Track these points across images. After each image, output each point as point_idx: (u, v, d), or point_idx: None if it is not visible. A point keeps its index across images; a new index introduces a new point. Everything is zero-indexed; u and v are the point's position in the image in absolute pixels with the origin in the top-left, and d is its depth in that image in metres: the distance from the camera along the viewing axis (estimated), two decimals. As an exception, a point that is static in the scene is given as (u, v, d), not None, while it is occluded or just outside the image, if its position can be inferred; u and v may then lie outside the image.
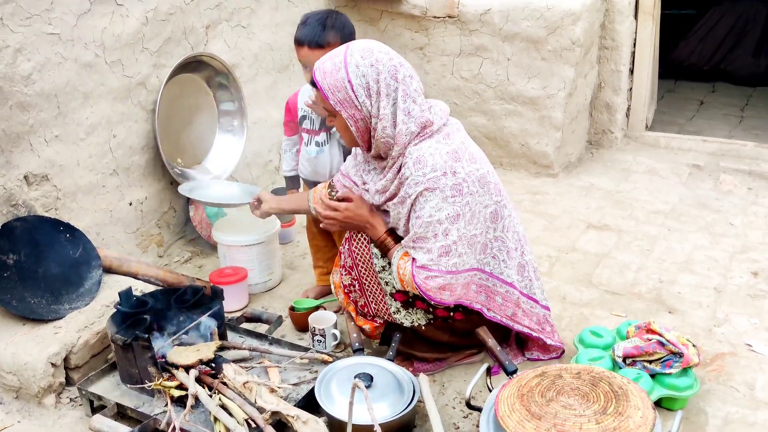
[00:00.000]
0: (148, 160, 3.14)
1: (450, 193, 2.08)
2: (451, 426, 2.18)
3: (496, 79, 4.17)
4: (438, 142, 2.12)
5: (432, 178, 2.07)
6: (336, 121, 2.18)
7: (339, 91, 2.07)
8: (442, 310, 2.30)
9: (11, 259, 2.45)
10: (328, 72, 2.09)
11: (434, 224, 2.10)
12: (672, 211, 3.74)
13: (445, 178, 2.08)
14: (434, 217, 2.09)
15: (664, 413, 2.18)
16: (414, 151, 2.10)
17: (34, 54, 2.54)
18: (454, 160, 2.10)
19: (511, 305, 2.33)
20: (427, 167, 2.07)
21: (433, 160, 2.08)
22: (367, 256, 2.29)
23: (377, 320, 2.40)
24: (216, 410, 2.02)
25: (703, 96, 5.82)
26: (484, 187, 2.17)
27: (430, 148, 2.10)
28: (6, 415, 2.30)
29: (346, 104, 2.09)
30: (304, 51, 2.51)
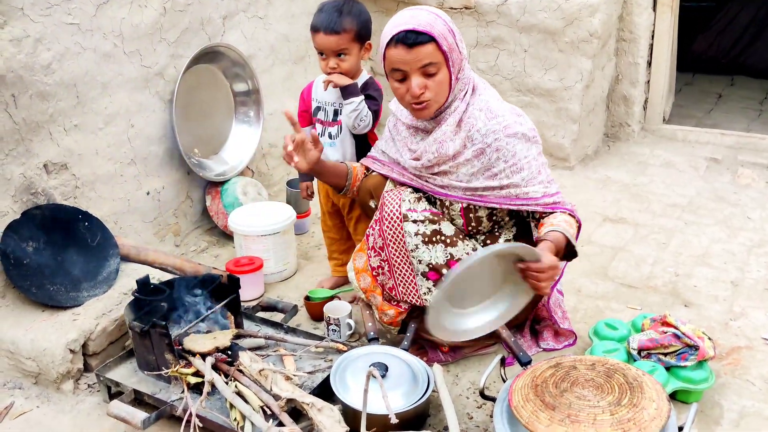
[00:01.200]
0: (165, 150, 3.16)
1: (530, 134, 2.19)
2: (464, 416, 2.19)
3: (512, 70, 4.16)
4: (494, 96, 2.24)
5: (509, 125, 2.15)
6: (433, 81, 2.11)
7: (448, 36, 2.09)
8: None
9: (31, 247, 2.48)
10: (432, 23, 2.07)
11: (533, 163, 2.17)
12: (689, 204, 3.71)
13: (519, 125, 2.17)
14: (529, 157, 2.17)
15: (679, 406, 2.17)
16: (479, 102, 2.19)
17: (53, 44, 2.56)
18: (516, 112, 2.22)
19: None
20: (500, 116, 2.16)
21: (501, 110, 2.18)
22: (399, 235, 2.26)
23: (402, 305, 2.38)
24: (232, 397, 2.04)
25: (722, 89, 5.76)
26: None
27: (492, 101, 2.20)
28: (25, 400, 2.34)
29: (453, 49, 2.11)
30: (319, 37, 2.51)
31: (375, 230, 2.34)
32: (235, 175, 3.44)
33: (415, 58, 2.07)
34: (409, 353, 2.25)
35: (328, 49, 2.52)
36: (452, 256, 2.24)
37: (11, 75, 2.42)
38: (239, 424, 2.00)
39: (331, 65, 2.55)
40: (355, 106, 2.55)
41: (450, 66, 2.11)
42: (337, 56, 2.54)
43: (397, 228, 2.26)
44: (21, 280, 2.43)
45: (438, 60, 2.09)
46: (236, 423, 2.01)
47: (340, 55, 2.54)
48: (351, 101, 2.56)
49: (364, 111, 2.56)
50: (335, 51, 2.52)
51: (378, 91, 2.64)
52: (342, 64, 2.55)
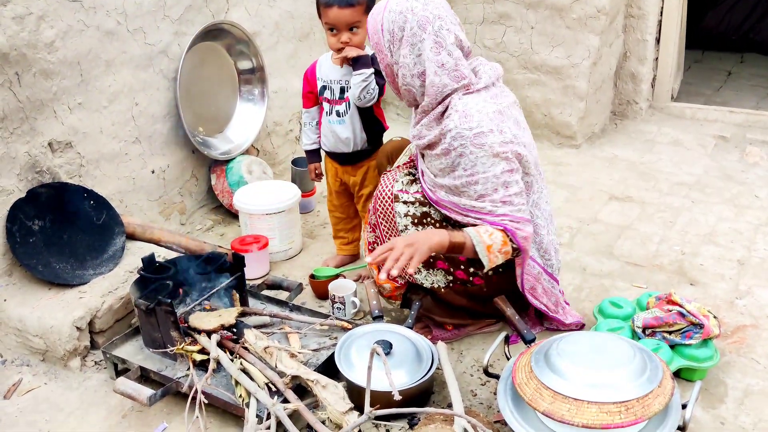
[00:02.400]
0: (170, 129, 3.15)
1: (500, 149, 2.06)
2: (468, 393, 2.20)
3: (519, 47, 4.12)
4: (485, 100, 2.11)
5: (478, 134, 2.05)
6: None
7: (375, 34, 2.13)
8: (461, 272, 2.30)
9: (37, 225, 2.49)
10: (373, 15, 2.15)
11: (491, 179, 2.08)
12: (696, 182, 3.69)
13: (493, 135, 2.06)
14: (490, 172, 2.08)
15: (683, 384, 2.18)
16: (459, 104, 2.10)
17: (56, 21, 2.55)
18: (501, 120, 2.09)
19: (531, 279, 2.32)
20: (474, 122, 2.06)
21: (480, 116, 2.06)
22: (390, 215, 2.29)
23: (399, 280, 2.41)
24: (237, 374, 2.06)
25: (731, 66, 5.70)
26: (529, 153, 2.18)
27: (477, 105, 2.09)
28: (33, 377, 2.36)
29: (377, 47, 2.15)
30: (333, 11, 2.48)
31: (372, 206, 2.38)
32: (240, 153, 3.43)
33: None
34: (414, 331, 2.26)
35: (342, 23, 2.50)
36: None
37: (14, 53, 2.41)
38: (244, 400, 2.01)
39: (344, 39, 2.52)
40: (365, 77, 2.54)
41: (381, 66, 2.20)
42: (350, 30, 2.52)
43: (389, 207, 2.29)
44: (27, 258, 2.44)
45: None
46: (241, 399, 2.02)
47: (352, 29, 2.52)
48: (361, 72, 2.54)
49: (372, 84, 2.55)
50: (349, 24, 2.50)
51: None
52: (354, 38, 2.53)
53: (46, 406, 2.23)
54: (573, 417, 1.71)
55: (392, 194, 2.31)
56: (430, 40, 2.07)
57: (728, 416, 2.07)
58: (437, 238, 2.07)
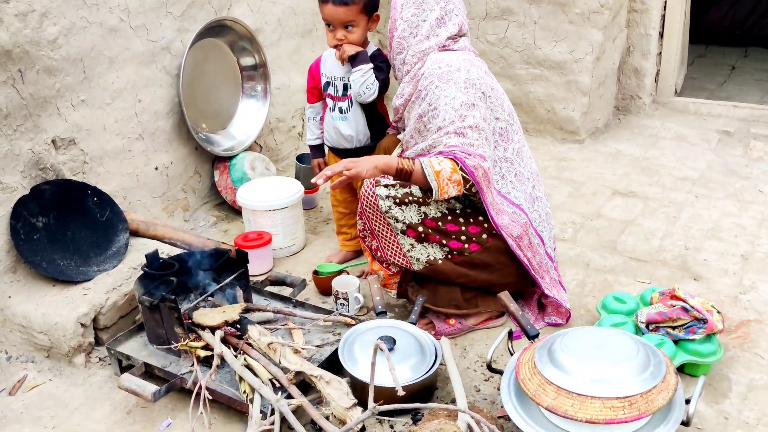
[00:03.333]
0: (173, 125, 3.16)
1: (463, 85, 2.20)
2: (472, 389, 2.20)
3: (522, 43, 4.11)
4: (458, 54, 2.28)
5: (446, 72, 2.22)
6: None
7: None
8: (455, 242, 2.31)
9: (40, 222, 2.49)
10: None
11: (450, 111, 2.18)
12: (700, 177, 3.68)
13: (459, 73, 2.22)
14: (450, 105, 2.19)
15: (687, 379, 2.18)
16: (434, 56, 2.28)
17: (59, 18, 2.55)
18: (470, 65, 2.25)
19: (519, 227, 2.32)
20: (443, 64, 2.23)
21: (449, 59, 2.24)
22: (372, 199, 2.33)
23: (392, 268, 2.43)
24: (241, 370, 2.06)
25: (735, 61, 5.68)
26: (497, 99, 2.28)
27: (449, 56, 2.27)
28: (38, 373, 2.37)
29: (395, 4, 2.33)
30: (328, 8, 2.51)
31: (358, 195, 2.40)
32: (243, 149, 3.43)
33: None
34: (417, 327, 2.26)
35: (337, 21, 2.51)
36: (426, 215, 2.30)
37: (18, 50, 2.41)
38: (248, 396, 2.02)
39: (339, 37, 2.53)
40: (362, 73, 2.55)
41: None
42: (345, 28, 2.52)
43: (371, 193, 2.34)
44: (31, 255, 2.45)
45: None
46: (245, 395, 2.03)
47: (347, 27, 2.52)
48: (359, 68, 2.55)
49: (371, 79, 2.56)
50: (343, 22, 2.51)
51: (386, 62, 2.63)
52: (350, 36, 2.53)
53: (51, 403, 2.24)
54: (576, 412, 1.71)
55: (374, 179, 2.35)
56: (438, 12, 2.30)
57: (732, 411, 2.07)
58: (384, 159, 2.18)
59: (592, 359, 1.80)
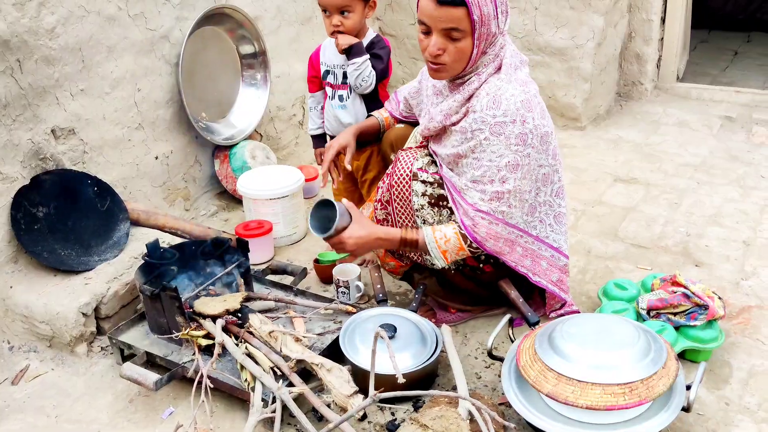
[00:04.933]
0: (173, 114, 3.15)
1: (514, 141, 2.03)
2: (473, 376, 2.20)
3: (523, 29, 4.09)
4: (516, 89, 2.05)
5: (500, 123, 2.02)
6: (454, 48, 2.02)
7: (486, 5, 1.95)
8: (472, 260, 2.28)
9: (41, 212, 2.49)
10: None
11: (492, 169, 2.06)
12: (702, 163, 3.67)
13: (513, 126, 2.02)
14: (494, 163, 2.05)
15: (688, 365, 2.17)
16: (494, 87, 2.05)
17: (57, 7, 2.54)
18: (527, 110, 2.04)
19: (557, 271, 2.29)
20: (500, 110, 2.02)
21: (507, 104, 2.02)
22: (406, 193, 2.26)
23: (404, 260, 2.40)
24: (242, 358, 2.06)
25: (738, 46, 5.65)
26: (544, 144, 2.10)
27: (508, 92, 2.04)
28: (40, 363, 2.37)
29: (488, 19, 1.98)
30: None
31: (385, 184, 2.33)
32: (243, 138, 3.43)
33: (441, 17, 1.97)
34: (418, 314, 2.26)
35: (332, 6, 2.50)
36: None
37: (15, 39, 2.40)
38: (250, 384, 2.02)
39: (335, 23, 2.52)
40: (357, 66, 2.54)
41: (475, 38, 1.99)
42: (341, 14, 2.51)
43: (405, 185, 2.25)
44: (32, 245, 2.45)
45: (464, 28, 1.97)
46: (247, 384, 2.03)
47: (343, 13, 2.51)
48: (354, 61, 2.54)
49: (366, 71, 2.54)
50: (339, 8, 2.50)
51: (385, 49, 2.61)
52: (345, 21, 2.52)
53: (54, 392, 2.25)
54: (577, 399, 1.72)
55: (411, 172, 2.26)
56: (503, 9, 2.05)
57: (733, 397, 2.07)
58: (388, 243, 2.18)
59: (593, 346, 1.80)
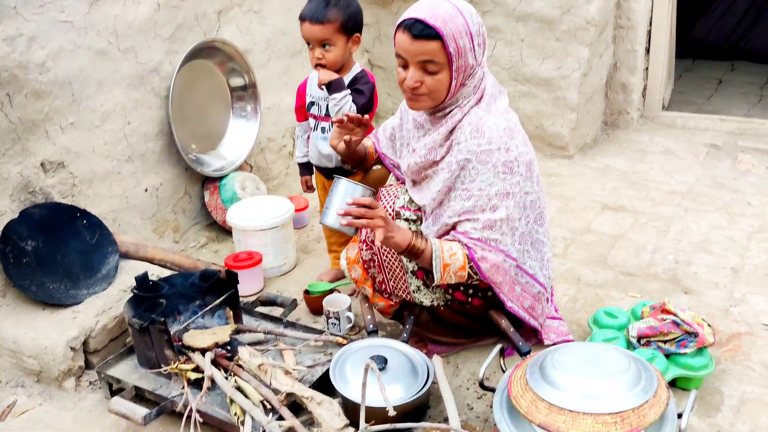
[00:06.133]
0: (162, 147, 3.16)
1: (501, 170, 2.04)
2: (465, 407, 2.19)
3: (509, 60, 4.14)
4: (497, 117, 2.07)
5: (486, 151, 2.03)
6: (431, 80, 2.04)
7: (461, 38, 1.97)
8: (460, 293, 2.28)
9: (30, 246, 2.48)
10: (447, 18, 1.96)
11: (483, 199, 2.06)
12: (689, 191, 3.70)
13: (498, 153, 2.03)
14: (484, 192, 2.05)
15: (679, 393, 2.17)
16: (475, 117, 2.06)
17: (47, 42, 2.56)
18: (510, 138, 2.05)
19: (530, 297, 2.29)
20: (484, 138, 2.03)
21: (490, 132, 2.03)
22: None
23: (393, 299, 2.41)
24: (232, 392, 2.05)
25: (722, 74, 5.73)
26: (529, 172, 2.12)
27: (490, 121, 2.05)
28: (28, 398, 2.34)
29: (463, 52, 1.99)
30: (305, 26, 2.54)
31: None
32: (233, 170, 3.44)
33: (417, 50, 2.00)
34: (409, 345, 2.25)
35: (313, 39, 2.54)
36: None
37: (6, 74, 2.42)
38: (239, 418, 2.00)
39: (317, 55, 2.56)
40: (336, 101, 2.56)
41: (453, 70, 2.01)
42: (322, 47, 2.54)
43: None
44: (21, 278, 2.44)
45: (440, 61, 2.00)
46: (236, 418, 2.01)
47: (325, 46, 2.54)
48: (333, 96, 2.57)
49: (346, 106, 2.56)
50: (320, 41, 2.53)
51: (368, 85, 2.63)
52: (327, 54, 2.55)
53: (42, 427, 2.22)
54: (569, 429, 1.70)
55: (394, 211, 2.29)
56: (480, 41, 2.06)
57: (725, 424, 2.07)
58: (400, 237, 2.07)
59: (584, 375, 1.80)
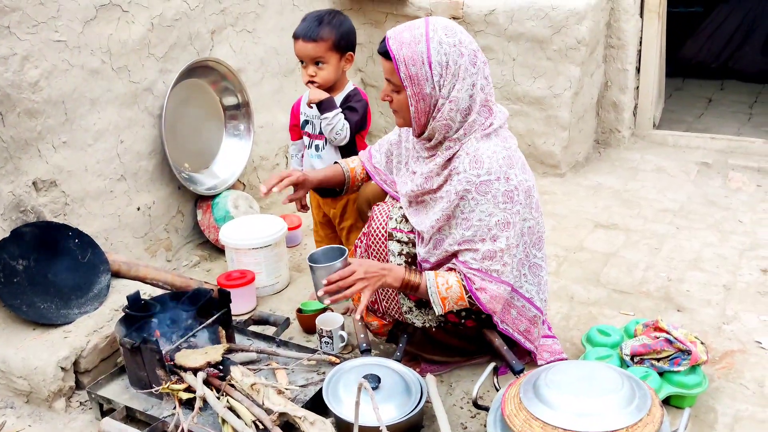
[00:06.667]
0: (155, 165, 3.15)
1: (502, 200, 2.04)
2: (458, 426, 2.18)
3: (501, 79, 4.17)
4: (496, 145, 2.06)
5: (485, 182, 2.02)
6: (396, 98, 2.09)
7: (414, 65, 1.99)
8: (453, 315, 2.28)
9: (21, 265, 2.47)
10: (406, 43, 2.00)
11: (483, 229, 2.05)
12: (680, 209, 3.72)
13: (498, 183, 2.03)
14: (484, 222, 2.05)
15: (673, 411, 2.17)
16: (472, 147, 2.05)
17: (41, 61, 2.56)
18: (509, 167, 2.05)
19: (525, 321, 2.29)
20: (483, 169, 2.02)
21: (490, 162, 2.03)
22: (384, 253, 2.27)
23: (386, 318, 2.40)
24: (224, 412, 2.03)
25: (712, 93, 5.79)
26: (528, 199, 2.12)
27: (488, 150, 2.04)
28: (17, 419, 2.32)
29: (417, 80, 2.00)
30: (299, 44, 2.56)
31: (362, 243, 2.34)
32: (226, 188, 3.44)
33: (383, 67, 2.10)
34: (402, 364, 2.24)
35: (306, 57, 2.56)
36: None
37: (-2, 93, 2.42)
38: (231, 439, 1.99)
39: (310, 73, 2.57)
40: (328, 120, 2.57)
41: (408, 95, 2.03)
42: (315, 64, 2.56)
43: (382, 245, 2.27)
44: (11, 298, 2.42)
45: (397, 82, 2.03)
46: (228, 438, 2.00)
47: (318, 64, 2.56)
48: (325, 116, 2.58)
49: (339, 125, 2.58)
50: (313, 59, 2.55)
51: (361, 102, 2.65)
52: (320, 72, 2.57)
53: (30, 449, 2.20)
54: (563, 448, 1.70)
55: (386, 232, 2.29)
56: (480, 76, 2.04)
57: (719, 443, 2.07)
58: (392, 277, 2.11)
59: (578, 393, 1.79)
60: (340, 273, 2.08)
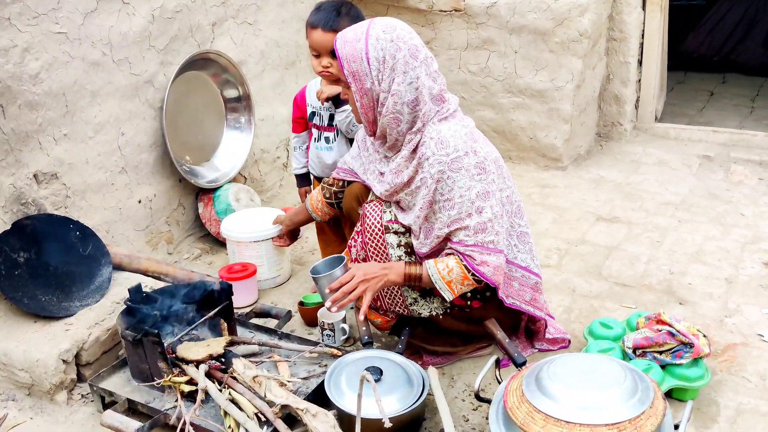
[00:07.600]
0: (156, 158, 3.15)
1: (475, 172, 2.09)
2: (460, 418, 2.18)
3: (503, 72, 4.16)
4: (456, 125, 2.13)
5: (456, 159, 2.08)
6: (350, 95, 2.17)
7: (354, 62, 2.07)
8: (459, 299, 2.28)
9: (22, 257, 2.47)
10: (348, 41, 2.09)
11: (466, 204, 2.09)
12: (682, 202, 3.71)
13: (467, 158, 2.08)
14: (465, 197, 2.08)
15: (675, 404, 2.17)
16: (434, 131, 2.11)
17: (41, 53, 2.55)
18: (473, 141, 2.12)
19: (529, 290, 2.33)
20: (450, 147, 2.08)
21: (455, 141, 2.08)
22: (382, 248, 2.27)
23: (389, 315, 2.40)
24: (226, 404, 2.03)
25: (714, 87, 5.78)
26: (499, 169, 2.19)
27: (450, 130, 2.11)
28: (19, 411, 2.32)
29: (358, 76, 2.08)
30: (317, 33, 2.51)
31: (357, 242, 2.33)
32: (227, 181, 3.43)
33: (336, 66, 2.21)
34: (404, 357, 2.24)
35: (324, 47, 2.52)
36: None
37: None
38: (233, 431, 1.99)
39: (324, 64, 2.54)
40: (346, 114, 2.56)
41: (354, 92, 2.11)
42: (331, 56, 2.54)
43: (379, 239, 2.27)
44: (13, 291, 2.41)
45: (344, 78, 2.12)
46: (230, 430, 2.00)
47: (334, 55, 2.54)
48: (342, 109, 2.57)
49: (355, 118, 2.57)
50: (330, 50, 2.52)
51: None
52: (336, 62, 2.54)
53: (32, 442, 2.20)
54: (565, 440, 1.70)
55: (382, 225, 2.29)
56: (423, 68, 2.09)
57: (721, 436, 2.07)
58: (394, 274, 2.16)
59: (580, 386, 1.79)
60: (340, 279, 2.14)
